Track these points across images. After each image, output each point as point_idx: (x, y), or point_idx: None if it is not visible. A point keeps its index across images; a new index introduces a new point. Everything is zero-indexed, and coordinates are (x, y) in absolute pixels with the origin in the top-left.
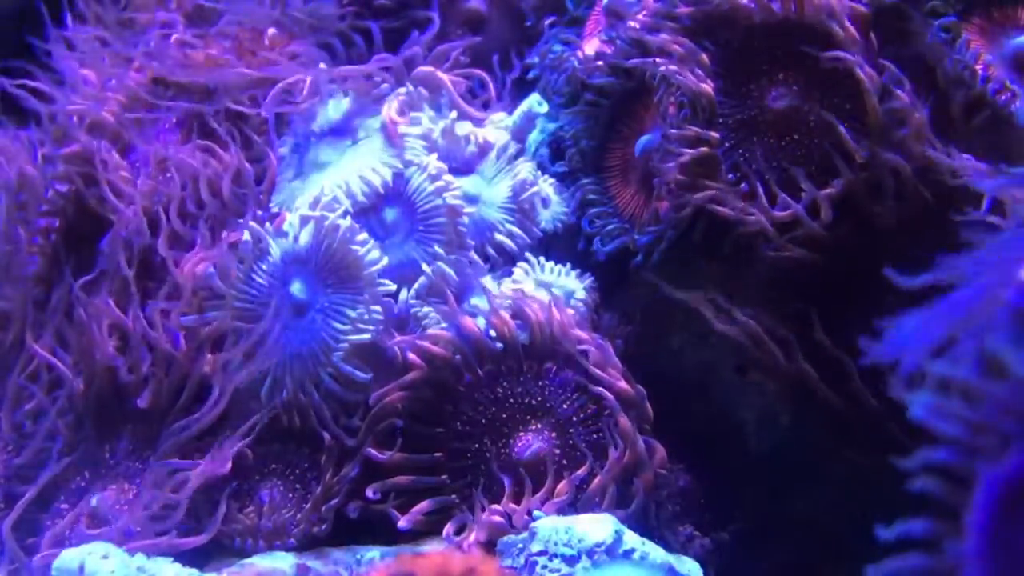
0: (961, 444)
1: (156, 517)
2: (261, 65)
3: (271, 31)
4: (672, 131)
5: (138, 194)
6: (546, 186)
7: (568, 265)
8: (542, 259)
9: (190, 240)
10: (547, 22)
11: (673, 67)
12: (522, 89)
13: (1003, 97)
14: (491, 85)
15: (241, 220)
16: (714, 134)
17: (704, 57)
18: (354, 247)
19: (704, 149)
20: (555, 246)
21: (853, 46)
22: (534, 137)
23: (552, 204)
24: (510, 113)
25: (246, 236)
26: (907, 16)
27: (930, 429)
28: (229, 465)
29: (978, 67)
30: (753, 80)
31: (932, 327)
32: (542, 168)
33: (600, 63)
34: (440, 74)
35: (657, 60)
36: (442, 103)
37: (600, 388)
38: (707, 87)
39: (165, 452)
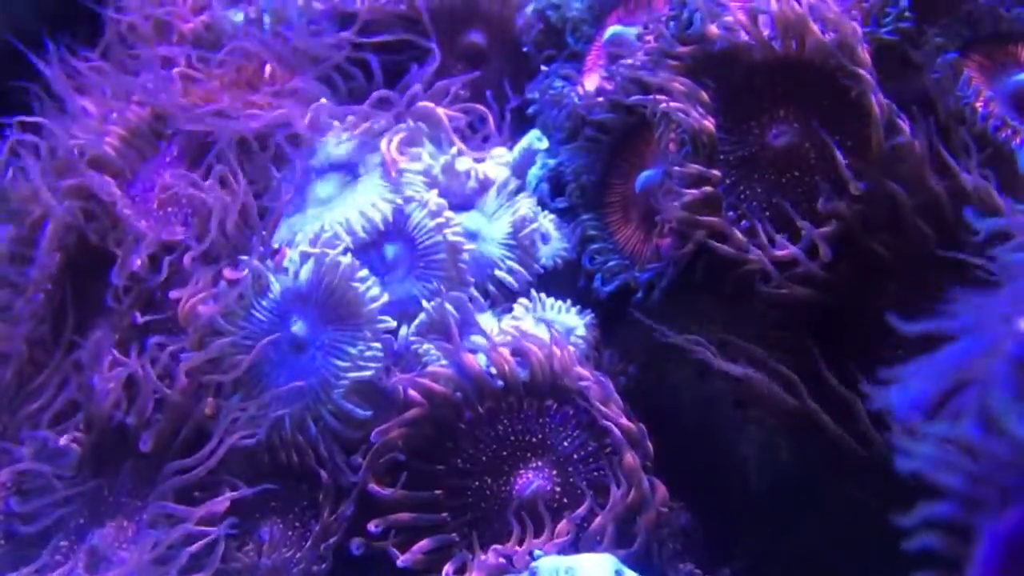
0: (962, 497)
1: (157, 560)
2: (261, 106)
3: (271, 65)
4: (674, 168)
5: (140, 229)
6: (546, 222)
7: (568, 301)
8: (543, 295)
9: (191, 276)
10: (546, 56)
11: (674, 104)
12: (522, 123)
13: (1003, 134)
14: (491, 120)
15: (242, 256)
16: (716, 172)
17: (704, 95)
18: (354, 284)
19: (706, 188)
20: (555, 282)
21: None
22: (534, 172)
23: (552, 240)
24: (510, 147)
25: (246, 273)
26: (909, 52)
27: (931, 482)
28: (227, 504)
29: (978, 104)
30: (754, 117)
31: (933, 380)
32: (542, 204)
33: (600, 99)
34: (439, 110)
35: (658, 97)
36: (442, 138)
37: (608, 423)
38: (708, 124)
39: (163, 494)
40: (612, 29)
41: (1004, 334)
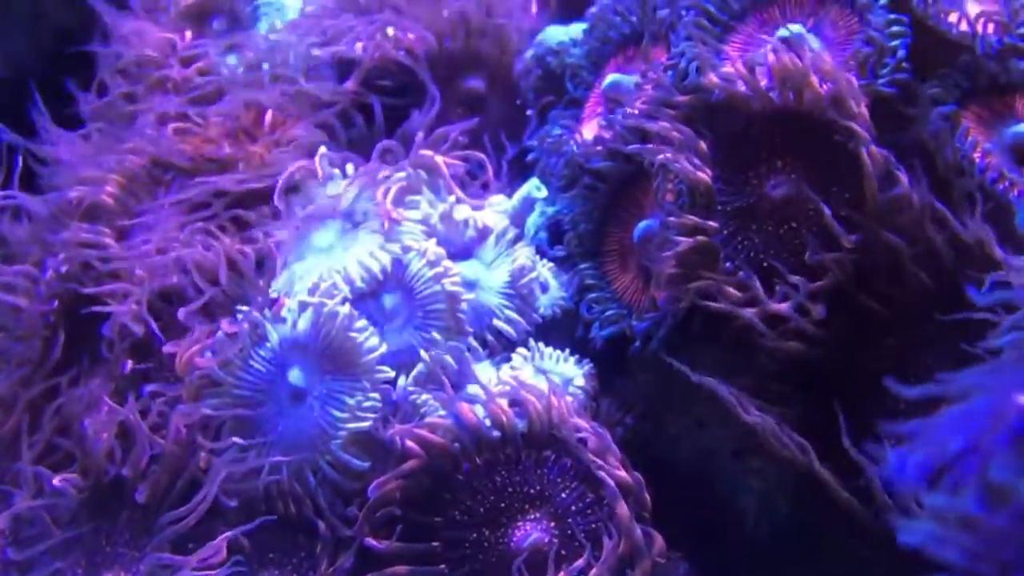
0: (962, 572)
1: None
2: (261, 155)
3: (271, 112)
4: (671, 219)
5: (137, 281)
6: (545, 270)
7: (567, 351)
8: (541, 345)
9: (189, 326)
10: (546, 102)
11: (671, 155)
12: (521, 169)
13: (1001, 186)
14: (490, 167)
15: (240, 306)
16: (712, 223)
17: (703, 145)
18: (353, 334)
19: (701, 238)
20: (554, 331)
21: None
22: (533, 220)
23: (551, 289)
24: (509, 194)
25: (244, 324)
26: (906, 103)
27: (931, 556)
28: (224, 554)
29: (976, 155)
30: (752, 167)
31: (931, 450)
32: (541, 252)
33: (599, 148)
34: (438, 158)
35: (655, 147)
36: (441, 185)
37: (602, 473)
38: (705, 175)
39: (159, 545)
40: (611, 77)
41: (1005, 407)
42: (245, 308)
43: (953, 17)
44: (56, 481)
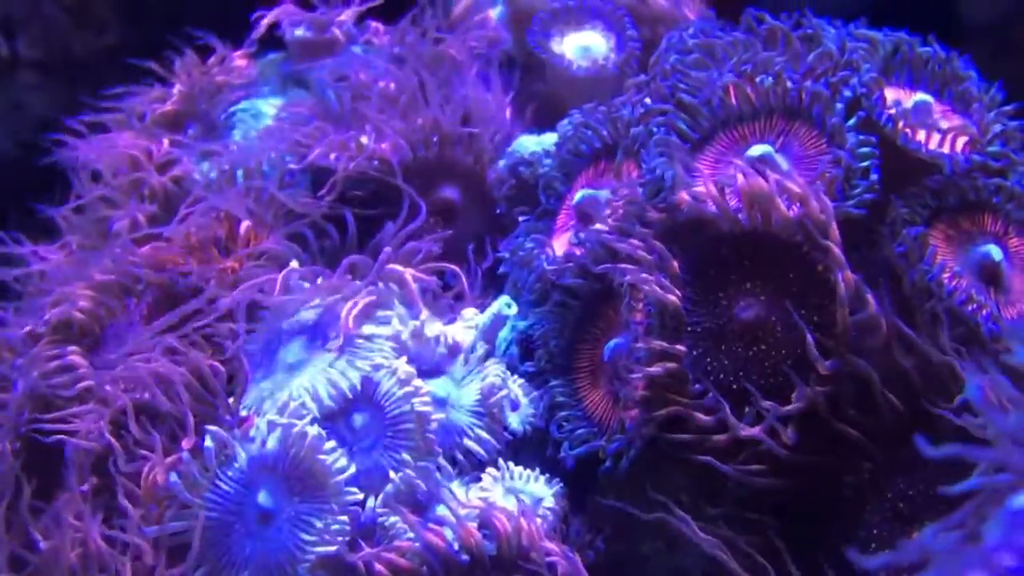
0: None
1: None
2: (233, 269)
3: (245, 224)
4: (638, 344)
5: (104, 400)
6: (515, 387)
7: (537, 470)
8: (511, 464)
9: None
10: (519, 212)
11: (641, 275)
12: (496, 279)
13: (969, 308)
14: (463, 278)
15: (209, 426)
16: (680, 347)
17: (673, 265)
18: (321, 456)
19: (670, 364)
20: (524, 449)
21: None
22: (504, 335)
23: (522, 406)
24: (482, 306)
25: (209, 443)
26: (875, 220)
27: None
28: None
29: (945, 277)
30: (722, 288)
31: None
32: (512, 368)
33: (569, 264)
34: (406, 273)
35: (624, 267)
36: (412, 299)
37: None
38: (674, 298)
39: None
40: (582, 192)
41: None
42: (213, 428)
43: (921, 136)
44: None
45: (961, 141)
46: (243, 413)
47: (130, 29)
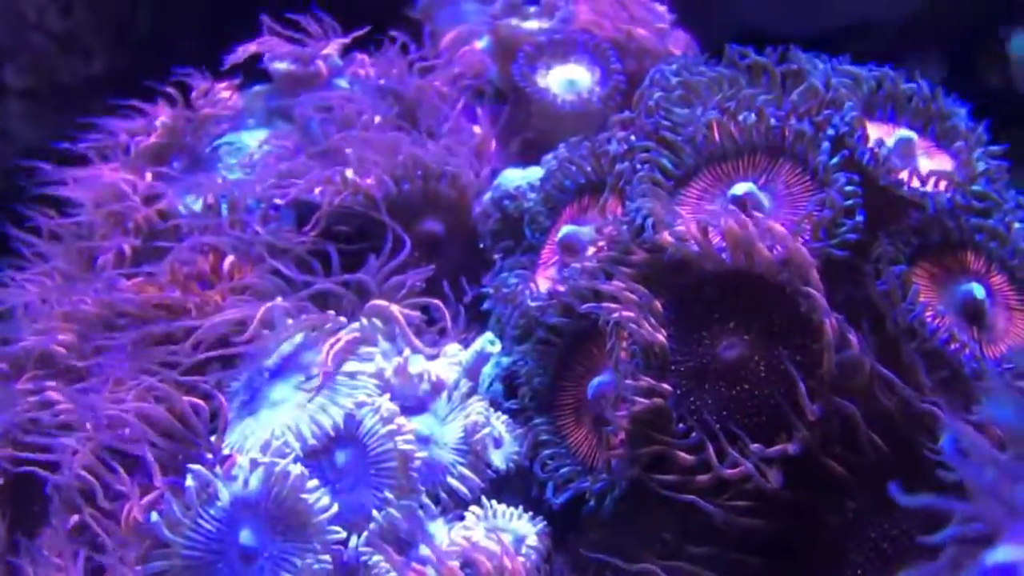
0: None
1: None
2: (216, 303)
3: (230, 258)
4: (626, 381)
5: (84, 435)
6: (499, 424)
7: (520, 508)
8: (494, 502)
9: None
10: (504, 247)
11: (625, 314)
12: (480, 313)
13: (952, 347)
14: (447, 312)
15: (191, 465)
16: (666, 386)
17: (658, 304)
18: (304, 496)
19: (655, 401)
20: (508, 486)
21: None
22: (488, 371)
23: (505, 444)
24: (466, 341)
25: (189, 482)
26: (858, 262)
27: None
28: None
29: (927, 316)
30: (705, 327)
31: None
32: (495, 405)
33: (553, 301)
34: (394, 309)
35: (608, 306)
36: (397, 333)
37: None
38: (660, 337)
39: None
40: (565, 229)
41: None
42: (196, 466)
43: (904, 174)
44: None
45: (943, 184)
46: (226, 451)
47: (117, 57)
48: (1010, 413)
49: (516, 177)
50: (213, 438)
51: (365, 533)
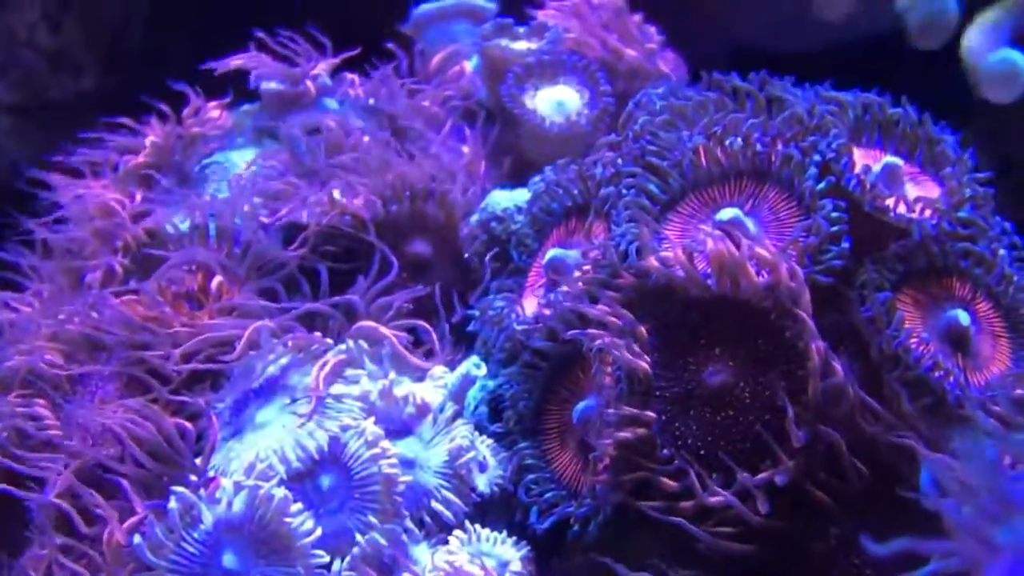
0: None
1: None
2: (203, 323)
3: (217, 278)
4: (608, 411)
5: (69, 455)
6: (484, 448)
7: (504, 532)
8: (478, 527)
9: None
10: (491, 269)
11: (610, 340)
12: (467, 335)
13: (936, 375)
14: (434, 334)
15: (175, 488)
16: (650, 414)
17: (643, 330)
18: (287, 519)
19: (639, 430)
20: (492, 510)
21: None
22: (473, 394)
23: (490, 468)
24: (451, 366)
25: (172, 504)
26: (843, 288)
27: None
28: None
29: (912, 342)
30: (690, 353)
31: None
32: (480, 428)
33: (539, 325)
34: (383, 330)
35: (593, 332)
36: (384, 355)
37: None
38: (644, 364)
39: None
40: (551, 252)
41: None
42: (180, 489)
43: (890, 200)
44: None
45: (929, 211)
46: (211, 474)
47: (107, 74)
48: (982, 449)
49: (504, 199)
50: (198, 460)
51: (348, 557)
